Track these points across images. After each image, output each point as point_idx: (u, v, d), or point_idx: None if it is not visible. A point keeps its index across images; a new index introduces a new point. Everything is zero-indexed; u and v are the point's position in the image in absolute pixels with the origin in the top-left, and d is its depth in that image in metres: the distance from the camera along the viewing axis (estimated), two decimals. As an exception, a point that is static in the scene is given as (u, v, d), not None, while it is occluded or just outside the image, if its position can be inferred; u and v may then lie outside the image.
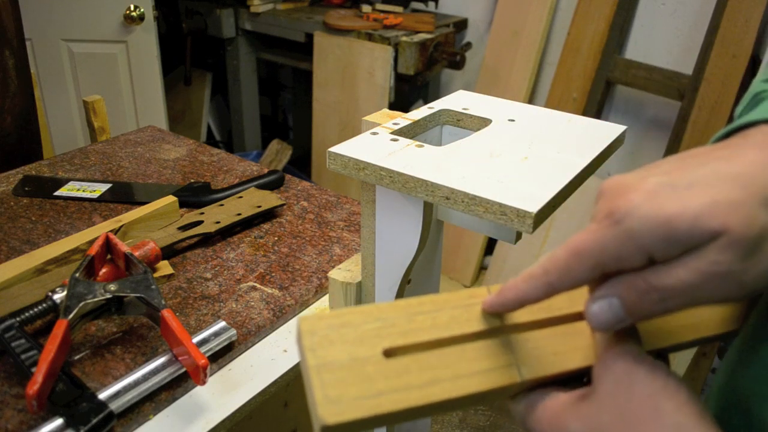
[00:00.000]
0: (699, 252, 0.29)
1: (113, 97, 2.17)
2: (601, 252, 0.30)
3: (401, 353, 0.35)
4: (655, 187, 0.29)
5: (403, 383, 0.33)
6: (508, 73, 2.36)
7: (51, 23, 2.07)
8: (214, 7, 2.62)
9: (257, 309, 0.77)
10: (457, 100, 0.73)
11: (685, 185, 0.29)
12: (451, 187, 0.53)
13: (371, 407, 0.32)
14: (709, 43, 1.92)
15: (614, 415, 0.32)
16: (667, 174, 0.30)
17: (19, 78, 1.25)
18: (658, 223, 0.29)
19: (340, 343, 0.34)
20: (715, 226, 0.28)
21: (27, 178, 1.07)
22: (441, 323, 0.36)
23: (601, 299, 0.32)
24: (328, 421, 0.31)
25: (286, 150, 2.84)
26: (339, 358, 0.33)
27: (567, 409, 0.34)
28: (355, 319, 0.35)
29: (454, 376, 0.34)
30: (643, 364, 0.32)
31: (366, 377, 0.33)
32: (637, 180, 0.31)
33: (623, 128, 0.66)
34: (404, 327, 0.35)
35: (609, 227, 0.30)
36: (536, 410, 0.35)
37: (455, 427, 1.84)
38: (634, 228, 0.29)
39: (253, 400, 0.67)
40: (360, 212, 0.66)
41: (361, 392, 0.32)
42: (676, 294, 0.29)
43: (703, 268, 0.28)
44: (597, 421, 0.32)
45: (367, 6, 2.53)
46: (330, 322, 0.34)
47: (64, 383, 0.61)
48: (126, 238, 0.87)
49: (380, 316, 0.36)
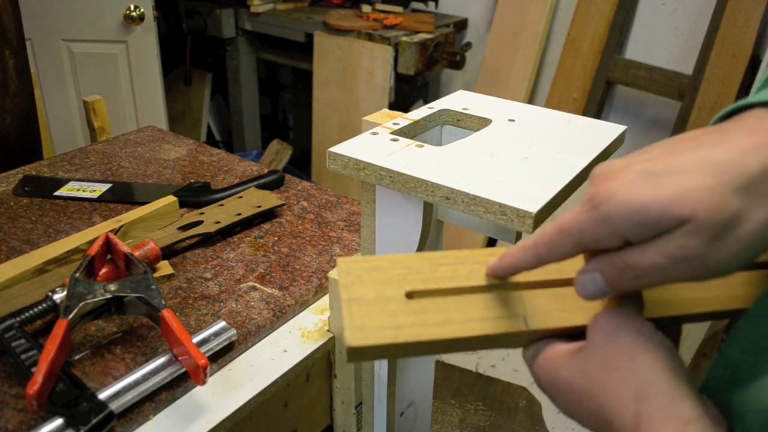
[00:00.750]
0: (669, 236, 0.31)
1: (113, 97, 2.17)
2: (580, 232, 0.34)
3: (421, 296, 0.39)
4: (636, 175, 0.32)
5: (419, 320, 0.38)
6: (508, 73, 2.36)
7: (51, 23, 2.07)
8: (214, 7, 2.62)
9: (257, 309, 0.77)
10: (457, 100, 0.73)
11: (663, 172, 0.32)
12: (451, 187, 0.53)
13: (389, 336, 0.37)
14: (709, 43, 1.92)
15: (597, 363, 0.35)
16: (651, 160, 0.33)
17: (19, 78, 1.25)
18: (630, 210, 0.31)
19: (369, 283, 0.39)
20: (683, 213, 0.30)
21: (27, 178, 1.07)
22: (460, 275, 0.40)
23: (587, 272, 0.35)
24: (352, 344, 0.36)
25: (286, 150, 2.84)
26: (367, 295, 0.39)
27: (561, 357, 0.38)
28: (385, 264, 0.40)
29: (465, 319, 0.39)
30: (631, 322, 0.36)
31: (388, 312, 0.38)
32: (622, 167, 0.33)
33: (623, 128, 0.66)
34: (427, 275, 0.40)
35: (588, 211, 0.33)
36: (538, 357, 0.39)
37: (455, 427, 1.84)
38: (609, 213, 0.32)
39: (253, 400, 0.67)
40: (360, 212, 0.66)
41: (383, 324, 0.37)
42: (649, 273, 0.32)
43: (672, 251, 0.31)
44: (583, 368, 0.36)
45: (367, 6, 2.53)
46: (363, 265, 0.40)
47: (64, 383, 0.61)
48: (126, 238, 0.87)
49: (407, 264, 0.41)
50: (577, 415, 0.37)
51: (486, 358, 2.14)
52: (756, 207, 0.30)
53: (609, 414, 0.34)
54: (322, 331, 0.76)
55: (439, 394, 1.94)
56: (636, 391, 0.34)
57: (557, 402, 0.39)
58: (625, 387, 0.34)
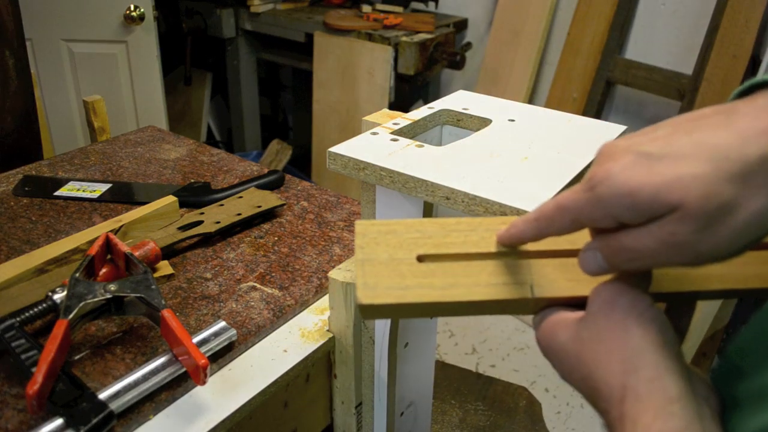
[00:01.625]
0: (660, 222, 0.32)
1: (113, 97, 2.17)
2: (577, 211, 0.35)
3: (432, 260, 0.41)
4: (634, 157, 0.32)
5: (427, 282, 0.39)
6: (508, 73, 2.35)
7: (51, 23, 2.07)
8: (214, 7, 2.62)
9: (257, 309, 0.77)
10: (457, 100, 0.73)
11: (660, 156, 0.32)
12: (451, 187, 0.53)
13: (398, 296, 0.39)
14: (709, 43, 1.92)
15: (592, 332, 0.36)
16: (653, 141, 0.33)
17: (19, 78, 1.25)
18: (622, 194, 0.32)
19: (384, 245, 0.41)
20: (673, 200, 0.31)
21: (27, 178, 1.07)
22: (471, 241, 0.42)
23: (588, 250, 0.37)
24: (363, 301, 0.38)
25: (286, 150, 2.84)
26: (381, 256, 0.40)
27: (562, 323, 0.39)
28: (399, 228, 0.42)
29: (472, 284, 0.40)
30: (628, 294, 0.36)
31: (399, 274, 0.40)
32: (624, 148, 0.33)
33: (623, 128, 0.66)
34: (439, 240, 0.42)
35: (585, 191, 0.34)
36: (542, 323, 0.40)
37: (455, 427, 1.84)
38: (603, 195, 0.33)
39: (253, 400, 0.67)
40: (360, 212, 0.66)
41: (393, 284, 0.39)
42: (642, 256, 0.34)
43: (662, 237, 0.32)
44: (579, 335, 0.37)
45: (367, 6, 2.53)
46: (379, 228, 0.42)
47: (64, 383, 0.61)
48: (126, 238, 0.87)
49: (421, 228, 0.42)
50: (570, 381, 0.39)
51: (486, 358, 2.14)
52: (751, 196, 0.30)
53: (598, 383, 0.35)
54: (322, 331, 0.76)
55: (439, 394, 1.94)
56: (624, 363, 0.34)
57: (555, 367, 0.40)
58: (614, 357, 0.35)
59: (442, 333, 2.25)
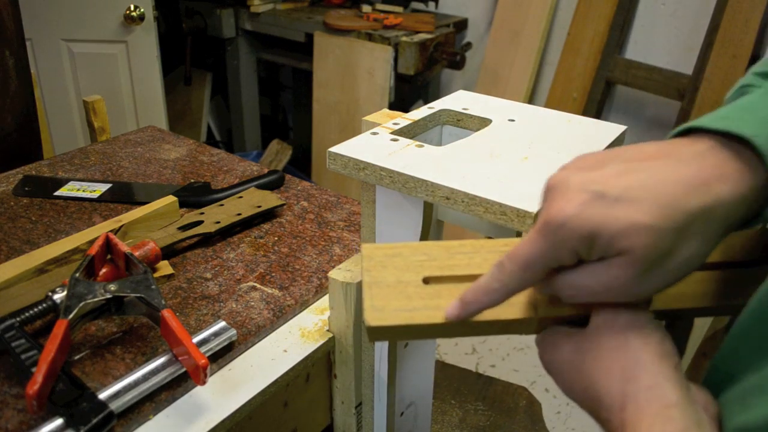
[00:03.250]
0: (606, 264, 0.35)
1: (113, 97, 2.17)
2: (544, 258, 0.37)
3: (438, 282, 0.42)
4: (589, 197, 0.35)
5: (434, 304, 0.40)
6: (508, 73, 2.35)
7: (51, 23, 2.07)
8: (214, 7, 2.62)
9: (257, 309, 0.77)
10: (457, 100, 0.73)
11: (615, 197, 0.34)
12: (451, 187, 0.53)
13: (405, 318, 0.40)
14: (709, 43, 1.92)
15: (594, 343, 0.38)
16: (606, 180, 0.35)
17: (19, 78, 1.25)
18: (583, 235, 0.35)
19: (391, 268, 0.42)
20: (625, 246, 0.34)
21: (27, 178, 1.07)
22: (475, 263, 0.43)
23: (544, 288, 0.40)
24: (371, 323, 0.39)
25: (286, 150, 2.84)
26: (388, 279, 0.41)
27: (564, 336, 0.40)
28: (405, 251, 0.43)
29: None
30: (629, 310, 0.38)
31: (406, 296, 0.41)
32: (577, 185, 0.36)
33: (623, 128, 0.66)
34: (444, 262, 0.43)
35: (547, 236, 0.36)
36: (545, 340, 0.41)
37: (455, 427, 1.84)
38: (566, 238, 0.35)
39: (253, 400, 0.67)
40: (360, 212, 0.66)
41: (400, 306, 0.40)
42: (584, 293, 0.37)
43: (605, 280, 0.36)
44: (580, 347, 0.38)
45: (367, 6, 2.53)
46: (385, 251, 0.43)
47: (64, 383, 0.61)
48: (126, 238, 0.87)
49: (426, 251, 0.43)
50: (571, 393, 0.40)
51: (486, 358, 2.14)
52: (685, 244, 0.34)
53: (599, 392, 0.36)
54: (322, 331, 0.76)
55: (439, 394, 1.94)
56: (624, 371, 0.36)
57: (556, 380, 0.41)
58: (614, 367, 0.36)
59: (442, 333, 2.25)
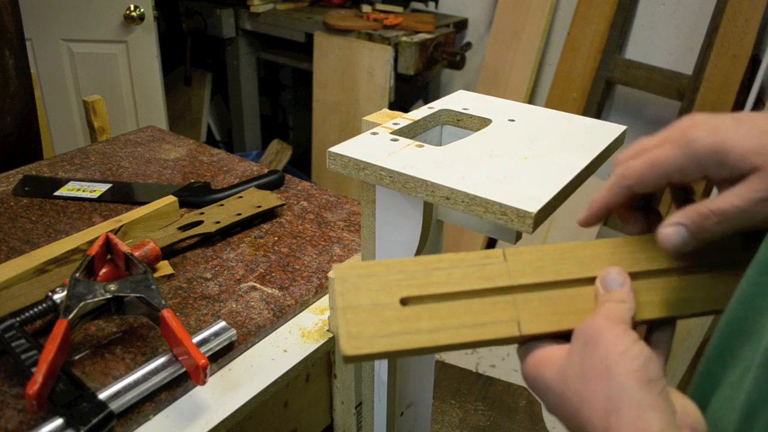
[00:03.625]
0: (744, 182, 0.37)
1: (113, 97, 2.17)
2: (669, 165, 0.39)
3: (416, 302, 0.40)
4: (719, 124, 0.38)
5: (414, 327, 0.39)
6: (508, 73, 2.36)
7: (51, 23, 2.07)
8: (214, 7, 2.62)
9: (257, 309, 0.77)
10: (457, 100, 0.73)
11: (744, 127, 0.38)
12: (451, 187, 0.53)
13: (383, 345, 0.38)
14: (709, 43, 1.92)
15: (576, 371, 0.37)
16: (732, 117, 0.39)
17: (19, 78, 1.25)
18: (716, 150, 0.37)
19: (365, 290, 0.40)
20: (757, 162, 0.36)
21: (27, 178, 1.07)
22: (455, 279, 0.41)
23: (672, 225, 0.39)
24: (347, 353, 0.37)
25: (286, 150, 2.84)
26: (362, 302, 0.39)
27: (547, 360, 0.39)
28: (380, 270, 0.40)
29: (459, 325, 0.39)
30: (614, 329, 0.37)
31: (383, 320, 0.39)
32: (710, 116, 0.39)
33: (623, 128, 0.66)
34: (422, 280, 0.41)
35: (679, 148, 0.38)
36: (527, 357, 0.41)
37: (455, 427, 1.84)
38: (698, 151, 0.38)
39: (253, 400, 0.67)
40: (360, 212, 0.66)
41: (377, 332, 0.38)
42: (729, 217, 0.37)
43: (748, 194, 0.36)
44: (564, 374, 0.38)
45: (367, 6, 2.53)
46: (359, 271, 0.40)
47: (64, 383, 0.61)
48: (126, 238, 0.87)
49: (402, 269, 0.41)
50: (557, 416, 0.39)
51: (486, 358, 2.14)
52: None
53: (583, 423, 0.36)
54: (322, 331, 0.76)
55: (439, 394, 1.94)
56: (607, 404, 0.35)
57: (541, 401, 0.40)
58: (598, 398, 0.35)
59: (442, 333, 2.25)
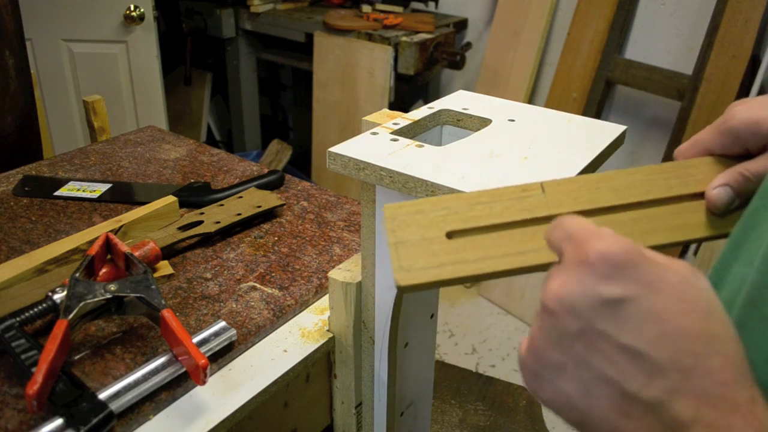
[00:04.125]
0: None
1: (113, 97, 2.17)
2: (709, 141, 0.46)
3: (461, 235, 0.43)
4: (754, 102, 0.44)
5: (460, 258, 0.42)
6: (508, 73, 2.36)
7: (51, 23, 2.07)
8: (214, 7, 2.62)
9: (257, 309, 0.77)
10: (457, 100, 0.73)
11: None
12: (451, 187, 0.53)
13: (433, 275, 0.41)
14: (709, 43, 1.92)
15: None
16: (766, 97, 0.44)
17: (19, 78, 1.25)
18: (749, 124, 0.43)
19: (414, 226, 0.43)
20: None
21: (27, 178, 1.07)
22: (496, 212, 0.44)
23: (718, 187, 0.44)
24: (401, 284, 0.41)
25: (286, 150, 2.84)
26: (412, 237, 0.42)
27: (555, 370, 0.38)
28: (426, 207, 0.44)
29: (502, 254, 0.42)
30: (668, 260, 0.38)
31: (431, 252, 0.42)
32: (746, 100, 0.45)
33: (623, 128, 0.66)
34: (465, 214, 0.44)
35: (716, 127, 0.45)
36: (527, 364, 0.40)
37: (455, 427, 1.84)
38: (734, 126, 0.44)
39: (253, 400, 0.67)
40: (360, 212, 0.66)
41: (427, 264, 0.41)
42: (764, 176, 0.41)
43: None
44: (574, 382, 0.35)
45: (367, 6, 2.53)
46: (407, 209, 0.44)
47: (64, 383, 0.61)
48: (126, 238, 0.87)
49: (447, 205, 0.44)
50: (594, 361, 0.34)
51: (486, 358, 2.14)
52: None
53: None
54: (322, 331, 0.76)
55: (439, 394, 1.94)
56: (738, 366, 0.31)
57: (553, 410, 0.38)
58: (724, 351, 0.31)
59: (442, 333, 2.25)
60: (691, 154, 0.47)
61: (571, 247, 0.35)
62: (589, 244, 0.34)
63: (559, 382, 0.35)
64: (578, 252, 0.34)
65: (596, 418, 0.33)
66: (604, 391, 0.33)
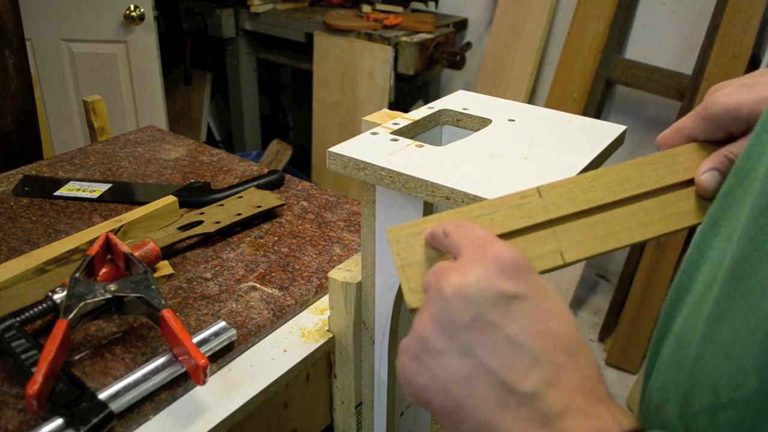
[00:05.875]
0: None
1: (113, 97, 2.17)
2: (691, 128, 0.46)
3: None
4: (733, 88, 0.44)
5: None
6: (508, 73, 2.35)
7: (51, 23, 2.07)
8: (214, 7, 2.62)
9: (257, 309, 0.77)
10: (457, 100, 0.73)
11: (752, 84, 0.44)
12: (451, 187, 0.53)
13: None
14: (709, 43, 1.92)
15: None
16: (747, 77, 0.45)
17: (19, 78, 1.25)
18: (729, 109, 0.44)
19: (418, 246, 0.43)
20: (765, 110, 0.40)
21: (27, 178, 1.07)
22: (497, 223, 0.44)
23: (706, 173, 0.45)
24: (413, 306, 0.41)
25: (286, 150, 2.84)
26: (418, 258, 0.43)
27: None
28: (428, 226, 0.43)
29: None
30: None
31: None
32: (728, 83, 0.46)
33: (623, 128, 0.66)
34: None
35: (698, 114, 0.46)
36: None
37: (455, 427, 1.84)
38: (715, 112, 0.44)
39: (253, 400, 0.67)
40: (360, 212, 0.66)
41: None
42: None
43: None
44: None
45: (367, 6, 2.53)
46: (410, 230, 0.44)
47: (64, 383, 0.61)
48: (126, 238, 0.87)
49: None
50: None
51: (486, 358, 2.14)
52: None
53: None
54: (322, 331, 0.76)
55: (439, 394, 1.94)
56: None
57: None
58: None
59: (442, 333, 2.25)
60: (674, 142, 0.48)
61: (474, 246, 0.38)
62: (492, 245, 0.38)
63: (439, 367, 0.37)
64: (481, 250, 0.37)
65: (471, 407, 0.35)
66: (484, 380, 0.35)
